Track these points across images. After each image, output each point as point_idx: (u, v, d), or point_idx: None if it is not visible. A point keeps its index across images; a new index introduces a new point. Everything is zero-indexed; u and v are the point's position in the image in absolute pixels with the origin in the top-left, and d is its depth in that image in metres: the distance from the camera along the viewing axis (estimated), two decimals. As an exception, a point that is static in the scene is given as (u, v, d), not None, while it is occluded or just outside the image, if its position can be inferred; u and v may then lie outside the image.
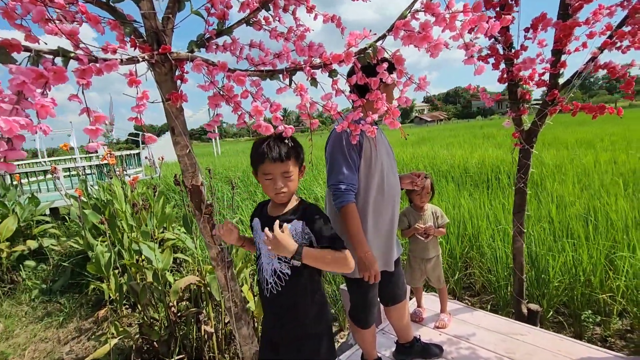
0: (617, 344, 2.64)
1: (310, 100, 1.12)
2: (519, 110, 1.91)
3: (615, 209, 3.83)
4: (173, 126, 1.19)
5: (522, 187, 2.09)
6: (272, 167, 1.21)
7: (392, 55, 1.09)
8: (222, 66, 1.10)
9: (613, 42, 1.67)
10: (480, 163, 7.44)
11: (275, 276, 1.28)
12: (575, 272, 2.93)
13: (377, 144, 1.51)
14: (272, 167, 1.21)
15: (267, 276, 1.30)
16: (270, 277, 1.29)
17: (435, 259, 2.14)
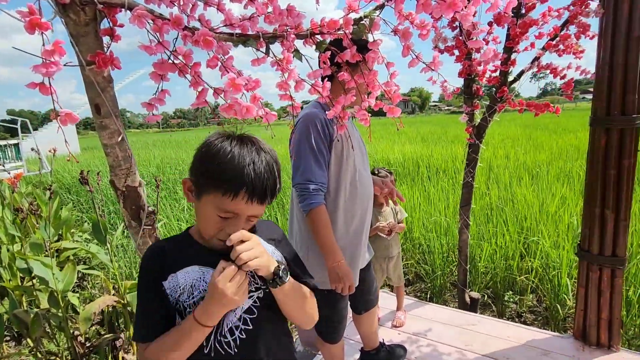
0: (529, 318, 2.97)
1: (297, 77, 0.88)
2: (473, 106, 1.94)
3: (520, 198, 4.36)
4: (98, 103, 0.84)
5: (470, 181, 2.15)
6: (241, 207, 0.71)
7: (394, 28, 0.91)
8: (176, 21, 0.79)
9: (555, 44, 1.78)
10: (402, 158, 7.89)
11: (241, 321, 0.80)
12: (497, 258, 3.22)
13: (348, 136, 1.32)
14: (241, 207, 0.72)
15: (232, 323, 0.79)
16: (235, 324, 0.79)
17: (397, 256, 2.08)
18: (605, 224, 1.67)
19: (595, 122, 1.64)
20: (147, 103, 0.92)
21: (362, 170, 1.38)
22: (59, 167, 8.60)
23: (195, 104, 0.86)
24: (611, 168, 1.62)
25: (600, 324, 1.77)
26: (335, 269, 1.25)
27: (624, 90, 1.54)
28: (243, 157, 0.71)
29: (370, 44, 0.96)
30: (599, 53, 1.61)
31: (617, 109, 1.56)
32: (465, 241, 2.30)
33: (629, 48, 1.50)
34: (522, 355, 1.78)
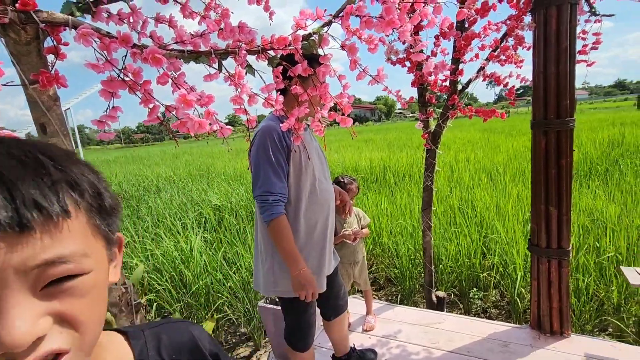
0: (493, 312, 3.12)
1: (250, 92, 0.91)
2: (427, 113, 2.05)
3: (479, 199, 4.60)
4: (44, 122, 0.82)
5: (429, 185, 2.25)
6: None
7: (342, 44, 0.96)
8: (124, 39, 0.80)
9: (497, 55, 1.93)
10: (369, 165, 8.07)
11: None
12: (461, 257, 3.36)
13: (304, 147, 1.36)
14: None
15: None
16: None
17: (362, 261, 2.13)
18: (550, 219, 1.81)
19: (535, 125, 1.79)
20: (98, 121, 0.90)
21: (322, 179, 1.42)
22: None
23: (147, 120, 0.86)
24: (552, 167, 1.77)
25: (552, 312, 1.90)
26: (298, 277, 1.27)
27: (557, 96, 1.70)
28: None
29: (321, 59, 1.01)
30: (534, 63, 1.76)
31: (552, 113, 1.72)
32: (429, 242, 2.39)
33: (559, 58, 1.66)
34: (484, 348, 1.87)
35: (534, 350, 1.83)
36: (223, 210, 5.09)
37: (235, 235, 3.94)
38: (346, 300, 1.68)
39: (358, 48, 0.94)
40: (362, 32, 0.96)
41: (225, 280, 3.15)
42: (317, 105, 1.07)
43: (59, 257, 0.29)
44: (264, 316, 2.25)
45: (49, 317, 0.29)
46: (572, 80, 1.69)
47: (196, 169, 10.33)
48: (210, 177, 8.35)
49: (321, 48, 0.98)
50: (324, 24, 0.96)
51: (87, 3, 0.86)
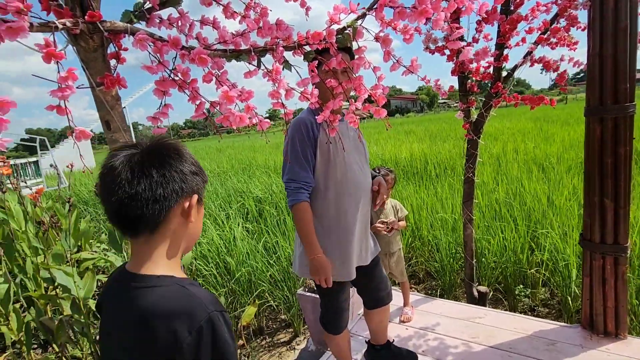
0: (542, 311, 2.96)
1: (287, 86, 0.95)
2: (468, 102, 1.98)
3: (528, 191, 4.34)
4: (108, 120, 0.93)
5: (470, 176, 2.18)
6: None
7: (375, 36, 0.98)
8: (174, 42, 0.88)
9: (547, 37, 1.81)
10: (409, 157, 7.89)
11: None
12: (506, 252, 3.21)
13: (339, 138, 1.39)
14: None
15: None
16: None
17: (398, 253, 2.13)
18: (605, 213, 1.68)
19: (589, 112, 1.67)
20: (152, 117, 1.00)
21: (356, 169, 1.44)
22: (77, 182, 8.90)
23: (195, 116, 0.94)
24: (608, 157, 1.64)
25: (607, 312, 1.77)
26: (313, 262, 1.34)
27: (615, 80, 1.56)
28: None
29: (355, 51, 1.03)
30: (589, 44, 1.63)
31: (609, 99, 1.59)
32: (470, 236, 2.32)
33: (617, 38, 1.53)
34: (528, 345, 1.80)
35: (584, 350, 1.73)
36: (264, 202, 5.27)
37: (275, 226, 4.08)
38: (389, 293, 1.67)
39: (392, 39, 0.95)
40: (397, 22, 0.97)
41: (265, 269, 3.29)
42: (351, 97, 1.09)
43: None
44: (303, 304, 2.33)
45: None
46: (633, 62, 1.55)
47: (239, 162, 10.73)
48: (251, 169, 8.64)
49: (355, 41, 1.00)
50: (358, 17, 0.98)
51: (142, 11, 0.95)
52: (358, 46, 1.02)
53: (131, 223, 0.63)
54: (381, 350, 1.77)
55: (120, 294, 0.67)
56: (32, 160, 9.21)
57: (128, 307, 0.63)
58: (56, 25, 0.73)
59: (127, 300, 0.64)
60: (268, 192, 5.77)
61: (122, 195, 0.60)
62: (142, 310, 0.61)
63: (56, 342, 2.29)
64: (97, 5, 0.86)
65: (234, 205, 5.25)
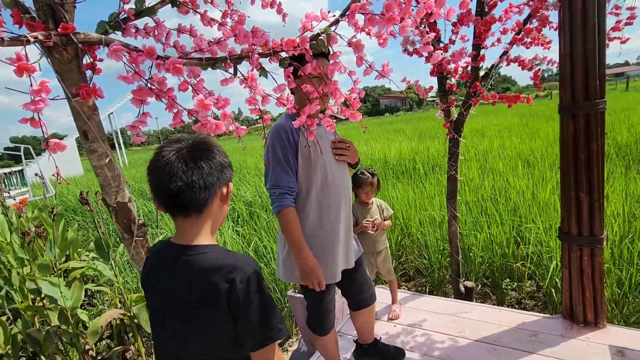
0: (529, 304, 3.03)
1: (263, 93, 0.97)
2: (448, 102, 2.03)
3: (513, 186, 4.42)
4: (85, 130, 0.93)
5: (453, 174, 2.23)
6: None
7: (348, 42, 1.00)
8: (149, 52, 0.89)
9: (521, 38, 1.87)
10: (398, 156, 7.97)
11: None
12: (493, 247, 3.28)
13: (319, 141, 1.41)
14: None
15: None
16: None
17: (385, 251, 2.16)
18: (581, 206, 1.74)
19: (563, 109, 1.72)
20: (131, 126, 1.01)
21: (336, 172, 1.47)
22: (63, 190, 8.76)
23: (173, 124, 0.96)
24: (581, 152, 1.69)
25: (586, 302, 1.83)
26: (303, 266, 1.35)
27: (585, 78, 1.62)
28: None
29: (330, 57, 1.05)
30: (560, 44, 1.69)
31: (581, 96, 1.64)
32: (455, 232, 2.37)
33: (586, 37, 1.58)
34: (512, 337, 1.85)
35: (565, 340, 1.78)
36: (254, 205, 5.27)
37: (265, 229, 4.09)
38: (372, 294, 1.70)
39: (364, 45, 0.98)
40: (370, 28, 0.99)
41: (257, 272, 3.29)
42: (327, 101, 1.12)
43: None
44: (293, 305, 2.35)
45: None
46: (602, 60, 1.61)
47: (229, 165, 10.66)
48: (242, 172, 8.62)
49: (330, 46, 1.03)
50: (331, 23, 1.00)
51: (117, 21, 0.96)
52: (333, 51, 1.05)
53: (185, 206, 0.78)
54: (368, 349, 1.80)
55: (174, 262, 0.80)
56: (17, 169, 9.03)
57: (184, 271, 0.78)
58: (28, 39, 0.74)
59: (183, 265, 0.79)
60: (258, 194, 5.77)
61: (180, 183, 0.74)
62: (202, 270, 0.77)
63: (44, 354, 2.26)
64: (70, 17, 0.87)
65: (224, 209, 5.23)
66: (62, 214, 3.51)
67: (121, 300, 2.65)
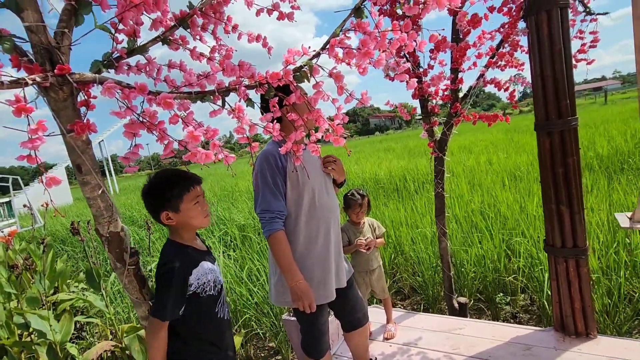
0: (524, 317, 3.04)
1: (249, 122, 1.03)
2: (431, 123, 2.11)
3: (502, 200, 4.51)
4: (79, 163, 0.97)
5: (440, 191, 2.29)
6: (199, 189, 1.23)
7: (329, 73, 1.07)
8: (141, 88, 0.94)
9: (495, 61, 1.98)
10: (389, 174, 8.07)
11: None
12: (485, 261, 3.31)
13: (305, 165, 1.47)
14: (199, 189, 1.23)
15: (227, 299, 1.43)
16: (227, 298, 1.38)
17: (378, 270, 2.18)
18: (562, 219, 1.80)
19: (538, 127, 1.81)
20: (124, 157, 1.05)
21: (323, 194, 1.51)
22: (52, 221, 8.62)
23: (164, 155, 1.00)
24: (558, 167, 1.77)
25: (575, 313, 1.86)
26: (294, 289, 1.37)
27: (556, 97, 1.72)
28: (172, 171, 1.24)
29: (313, 86, 1.12)
30: (531, 66, 1.80)
31: (554, 114, 1.74)
32: (445, 249, 2.41)
33: (554, 60, 1.69)
34: (506, 352, 1.86)
35: (558, 353, 1.80)
36: (246, 228, 5.25)
37: (258, 252, 4.07)
38: (364, 313, 1.70)
39: (343, 75, 1.05)
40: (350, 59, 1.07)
41: (250, 296, 3.26)
42: (312, 128, 1.18)
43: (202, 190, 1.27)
44: (288, 328, 2.33)
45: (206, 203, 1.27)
46: (571, 80, 1.71)
47: (221, 189, 10.68)
48: (234, 196, 8.62)
49: (312, 77, 1.09)
50: (312, 56, 1.07)
51: (110, 60, 1.02)
52: (315, 81, 1.12)
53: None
54: (365, 371, 1.78)
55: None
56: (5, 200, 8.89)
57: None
58: (26, 81, 0.79)
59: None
60: (250, 217, 5.76)
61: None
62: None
63: (31, 392, 2.18)
64: (66, 58, 0.92)
65: (217, 234, 5.21)
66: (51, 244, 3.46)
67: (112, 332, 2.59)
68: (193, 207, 1.20)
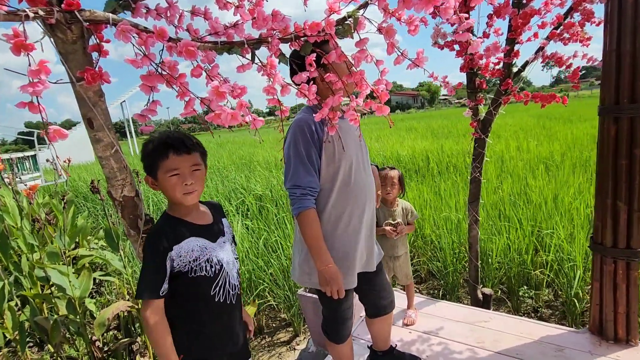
0: (545, 312, 2.90)
1: (282, 82, 0.88)
2: (477, 100, 1.90)
3: (533, 190, 4.26)
4: (90, 117, 0.86)
5: (477, 176, 2.11)
6: (178, 160, 1.02)
7: (378, 26, 0.90)
8: (160, 33, 0.80)
9: (560, 33, 1.73)
10: (411, 154, 7.80)
11: (238, 278, 1.21)
12: (510, 253, 3.14)
13: (342, 136, 1.31)
14: (178, 161, 1.02)
15: (234, 281, 1.18)
16: (236, 280, 1.19)
17: (404, 256, 2.06)
18: (618, 216, 1.61)
19: (604, 111, 1.59)
20: (139, 115, 0.93)
21: (360, 169, 1.37)
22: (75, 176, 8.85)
23: (184, 113, 0.87)
24: (622, 158, 1.56)
25: (617, 318, 1.71)
26: (323, 273, 1.26)
27: (632, 78, 1.48)
28: (162, 134, 1.05)
29: (357, 44, 0.95)
30: (605, 40, 1.55)
31: (626, 97, 1.51)
32: (475, 237, 2.25)
33: (636, 34, 1.44)
34: (536, 351, 1.74)
35: (593, 357, 1.67)
36: (264, 199, 5.21)
37: (275, 224, 4.02)
38: (391, 301, 1.60)
39: (396, 30, 0.88)
40: (402, 12, 0.89)
41: (266, 267, 3.23)
42: (351, 93, 1.02)
43: (197, 164, 1.06)
44: (303, 305, 2.28)
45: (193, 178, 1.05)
46: (651, 58, 1.46)
47: (239, 157, 10.67)
48: (252, 165, 8.57)
49: (357, 32, 0.92)
50: (360, 6, 0.90)
51: (127, 0, 0.88)
52: (360, 38, 0.95)
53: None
54: (383, 357, 1.71)
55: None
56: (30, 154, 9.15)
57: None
58: (27, 13, 0.66)
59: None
60: (268, 188, 5.71)
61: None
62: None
63: (51, 343, 2.24)
64: (76, -8, 0.78)
65: (234, 202, 5.19)
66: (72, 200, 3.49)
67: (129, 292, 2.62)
68: (168, 178, 1.01)
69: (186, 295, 1.07)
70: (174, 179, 1.01)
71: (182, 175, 1.02)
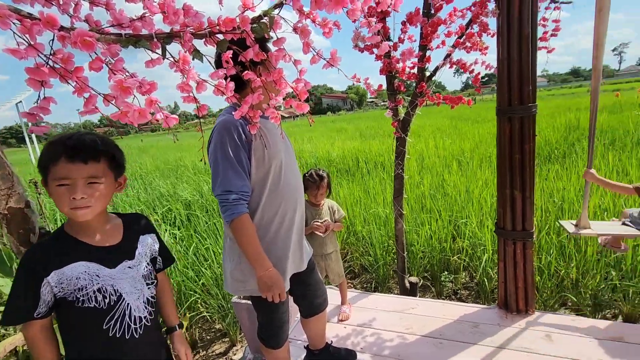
0: (464, 294, 3.22)
1: (197, 78, 0.83)
2: (396, 101, 2.03)
3: (449, 183, 4.70)
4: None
5: (400, 172, 2.25)
6: (68, 168, 0.86)
7: (294, 26, 0.90)
8: (49, 21, 0.70)
9: (462, 42, 1.93)
10: (342, 154, 8.07)
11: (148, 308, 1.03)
12: (432, 242, 3.43)
13: (268, 136, 1.29)
14: (68, 169, 0.86)
15: (140, 313, 1.00)
16: (143, 311, 1.01)
17: (335, 254, 2.10)
18: (515, 203, 1.85)
19: (500, 112, 1.81)
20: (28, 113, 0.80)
21: (289, 172, 1.36)
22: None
23: (83, 112, 0.77)
24: (516, 153, 1.80)
25: (518, 292, 1.97)
26: (264, 278, 1.22)
27: (520, 82, 1.72)
28: (68, 133, 0.91)
29: (274, 42, 0.94)
30: (498, 50, 1.77)
31: (516, 100, 1.74)
32: (401, 230, 2.41)
33: (521, 45, 1.67)
34: (456, 330, 1.91)
35: (501, 329, 1.89)
36: (193, 205, 4.92)
37: (206, 231, 3.82)
38: (325, 299, 1.61)
39: (310, 30, 0.89)
40: (316, 14, 0.90)
41: (197, 278, 3.05)
42: (272, 91, 1.01)
43: (94, 176, 0.90)
44: (238, 312, 2.20)
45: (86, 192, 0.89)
46: (534, 66, 1.72)
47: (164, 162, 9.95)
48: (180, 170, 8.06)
49: (273, 31, 0.92)
50: (275, 5, 0.89)
51: (5, -20, 0.75)
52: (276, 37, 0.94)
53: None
54: (320, 355, 1.73)
55: None
56: None
57: None
58: None
59: None
60: (198, 194, 5.41)
61: None
62: None
63: None
64: None
65: (160, 210, 4.81)
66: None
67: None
68: (56, 187, 0.87)
69: (73, 324, 0.92)
70: (62, 189, 0.86)
71: (73, 186, 0.87)
